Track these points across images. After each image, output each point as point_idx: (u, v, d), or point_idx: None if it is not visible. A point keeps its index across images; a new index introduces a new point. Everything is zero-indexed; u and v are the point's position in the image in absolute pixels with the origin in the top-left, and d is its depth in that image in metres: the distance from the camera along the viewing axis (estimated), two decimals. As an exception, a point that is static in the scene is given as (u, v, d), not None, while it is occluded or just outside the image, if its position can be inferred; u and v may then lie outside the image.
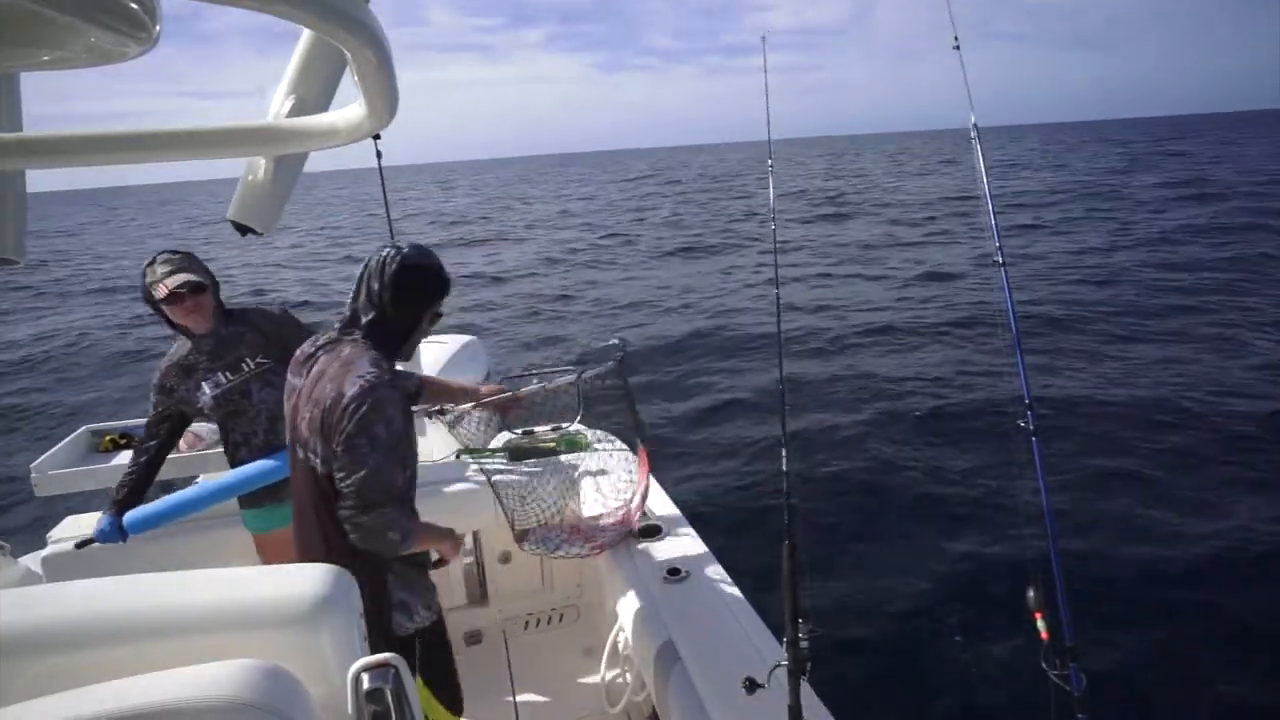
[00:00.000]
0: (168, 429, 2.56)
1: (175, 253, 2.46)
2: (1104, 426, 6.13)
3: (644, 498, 2.63)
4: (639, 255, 18.89)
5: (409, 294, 1.85)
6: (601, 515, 2.63)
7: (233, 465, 2.55)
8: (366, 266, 1.85)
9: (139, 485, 2.52)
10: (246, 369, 2.52)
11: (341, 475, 1.76)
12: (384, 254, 1.84)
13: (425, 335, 2.04)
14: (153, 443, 2.54)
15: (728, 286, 13.47)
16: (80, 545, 2.50)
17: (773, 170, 2.71)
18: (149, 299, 2.42)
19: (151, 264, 2.40)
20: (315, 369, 1.87)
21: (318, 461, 1.81)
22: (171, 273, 2.38)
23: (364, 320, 1.85)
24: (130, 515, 2.44)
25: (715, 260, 17.07)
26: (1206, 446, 5.74)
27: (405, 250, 1.85)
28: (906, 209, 23.87)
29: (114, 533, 2.44)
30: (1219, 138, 62.83)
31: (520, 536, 2.58)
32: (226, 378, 2.51)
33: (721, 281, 14.08)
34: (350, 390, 1.74)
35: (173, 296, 2.36)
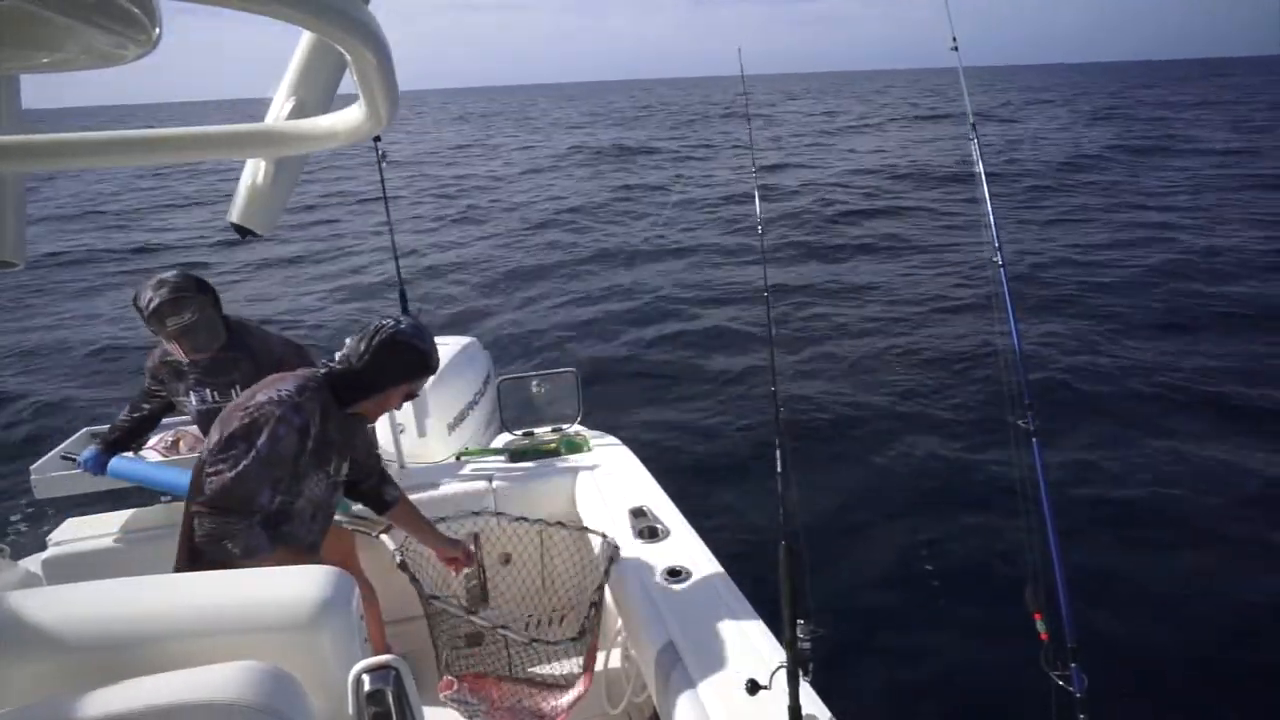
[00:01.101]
0: (159, 404, 2.66)
1: (182, 292, 2.31)
2: (1105, 424, 6.13)
3: (574, 702, 2.22)
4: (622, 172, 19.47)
5: (385, 365, 2.00)
6: (533, 696, 2.28)
7: None
8: (370, 325, 2.03)
9: (128, 435, 2.64)
10: (234, 398, 2.50)
11: (210, 472, 1.83)
12: (386, 322, 2.01)
13: (396, 407, 2.19)
14: (147, 405, 2.65)
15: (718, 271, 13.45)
16: (65, 457, 2.71)
17: (759, 188, 2.72)
18: (143, 316, 2.32)
19: (157, 311, 2.27)
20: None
21: (205, 452, 1.91)
22: (183, 330, 2.30)
23: (336, 366, 2.00)
24: (117, 461, 2.56)
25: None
26: (1210, 440, 5.74)
27: (403, 326, 2.01)
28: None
29: (96, 466, 2.55)
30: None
31: (445, 678, 2.20)
32: (213, 397, 2.50)
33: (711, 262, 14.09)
34: (259, 398, 1.88)
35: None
